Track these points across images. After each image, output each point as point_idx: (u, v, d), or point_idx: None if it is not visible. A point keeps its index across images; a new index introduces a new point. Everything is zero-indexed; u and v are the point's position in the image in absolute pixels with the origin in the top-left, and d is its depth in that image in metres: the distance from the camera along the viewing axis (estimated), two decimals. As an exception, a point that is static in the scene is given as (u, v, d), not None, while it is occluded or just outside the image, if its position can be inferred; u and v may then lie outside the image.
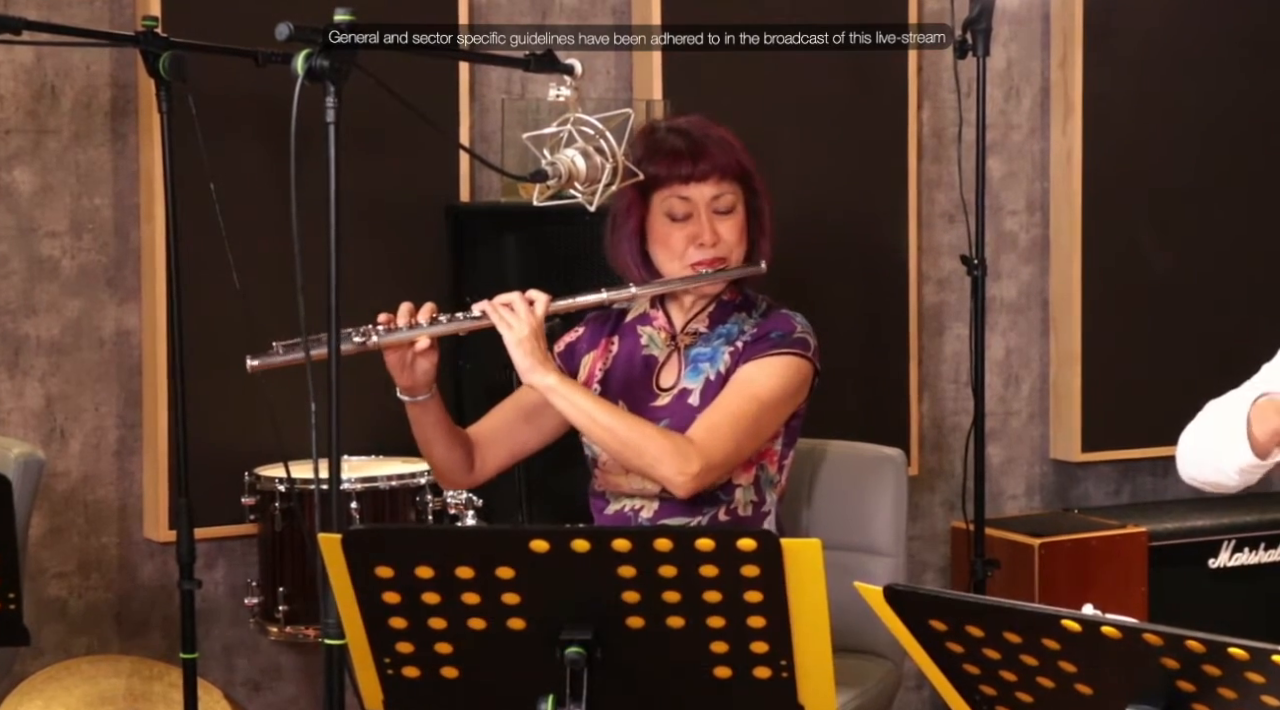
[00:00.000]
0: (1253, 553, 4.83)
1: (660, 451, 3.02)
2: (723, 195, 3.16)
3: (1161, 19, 4.98)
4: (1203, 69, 5.01)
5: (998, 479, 4.95)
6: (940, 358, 4.88)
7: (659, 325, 3.26)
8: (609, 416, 3.04)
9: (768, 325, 3.19)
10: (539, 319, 3.02)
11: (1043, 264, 5.01)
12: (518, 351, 3.00)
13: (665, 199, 3.16)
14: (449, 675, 2.36)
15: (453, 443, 3.20)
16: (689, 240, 3.15)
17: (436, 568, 2.28)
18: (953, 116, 4.50)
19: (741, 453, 3.10)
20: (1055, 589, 4.54)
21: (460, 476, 3.26)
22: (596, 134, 3.01)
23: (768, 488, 3.20)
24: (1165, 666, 2.01)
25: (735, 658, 2.31)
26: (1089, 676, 2.10)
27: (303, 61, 2.70)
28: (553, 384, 3.02)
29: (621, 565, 2.25)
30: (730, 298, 3.24)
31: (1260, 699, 1.97)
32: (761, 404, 3.10)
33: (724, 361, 3.17)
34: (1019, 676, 2.16)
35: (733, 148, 3.19)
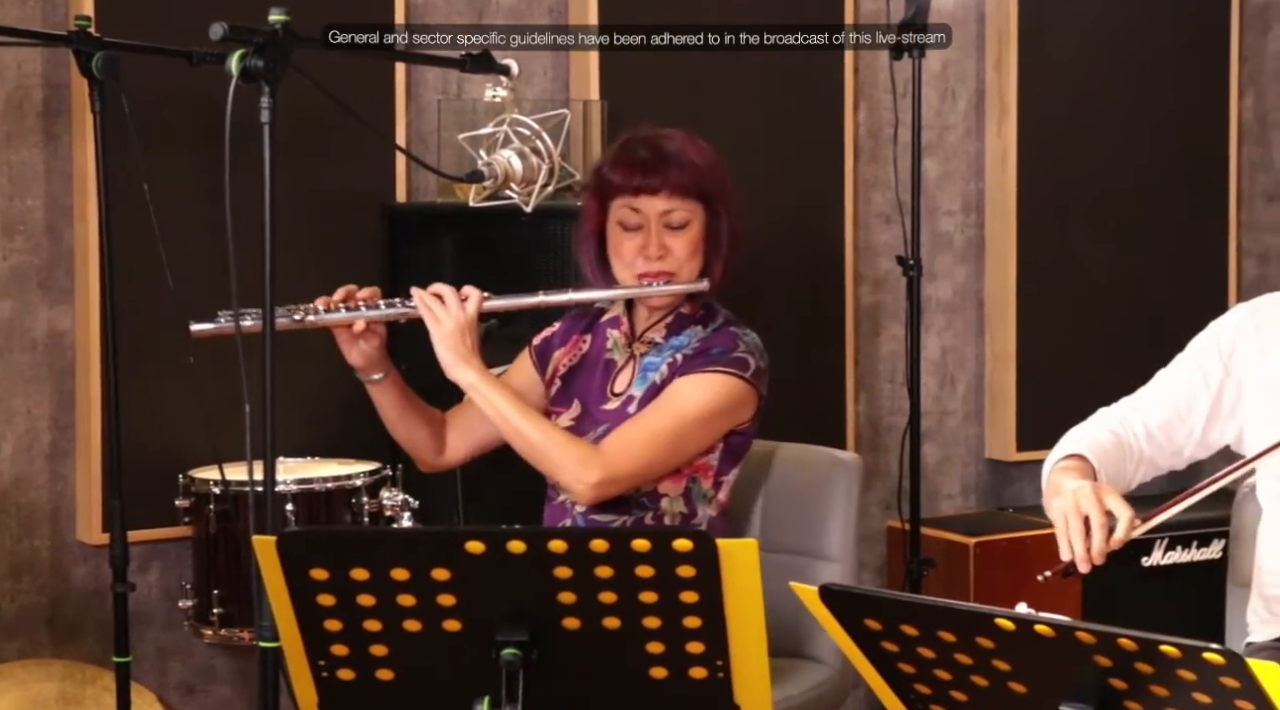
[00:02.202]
0: (1185, 551, 4.86)
1: (563, 459, 3.06)
2: (674, 211, 3.17)
3: (1096, 20, 5.01)
4: (1137, 70, 5.05)
5: (933, 478, 4.96)
6: (877, 358, 4.90)
7: (623, 330, 3.28)
8: (521, 419, 3.08)
9: (711, 341, 3.20)
10: (469, 315, 3.05)
11: (978, 264, 5.03)
12: (441, 346, 3.05)
13: (619, 207, 3.18)
14: (384, 677, 2.36)
15: (415, 424, 3.26)
16: (637, 250, 3.17)
17: (371, 569, 2.28)
18: (889, 117, 4.52)
19: (654, 468, 3.12)
20: (990, 588, 4.56)
21: (428, 457, 3.33)
22: (533, 135, 3.01)
23: (700, 501, 3.20)
24: (1098, 664, 2.03)
25: (671, 658, 2.31)
26: (1023, 675, 2.12)
27: (237, 62, 2.69)
28: (472, 380, 3.07)
29: (557, 566, 2.25)
30: (691, 311, 3.24)
31: (1191, 696, 1.99)
32: (684, 421, 3.11)
33: (662, 372, 3.18)
34: (953, 675, 2.17)
35: (696, 168, 3.19)
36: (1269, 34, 5.32)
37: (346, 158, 4.15)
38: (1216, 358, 2.91)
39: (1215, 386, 2.89)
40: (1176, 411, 2.90)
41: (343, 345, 3.14)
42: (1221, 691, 1.96)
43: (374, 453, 3.87)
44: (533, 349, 3.35)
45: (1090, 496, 2.61)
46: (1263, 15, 5.30)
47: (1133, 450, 2.87)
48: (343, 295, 3.11)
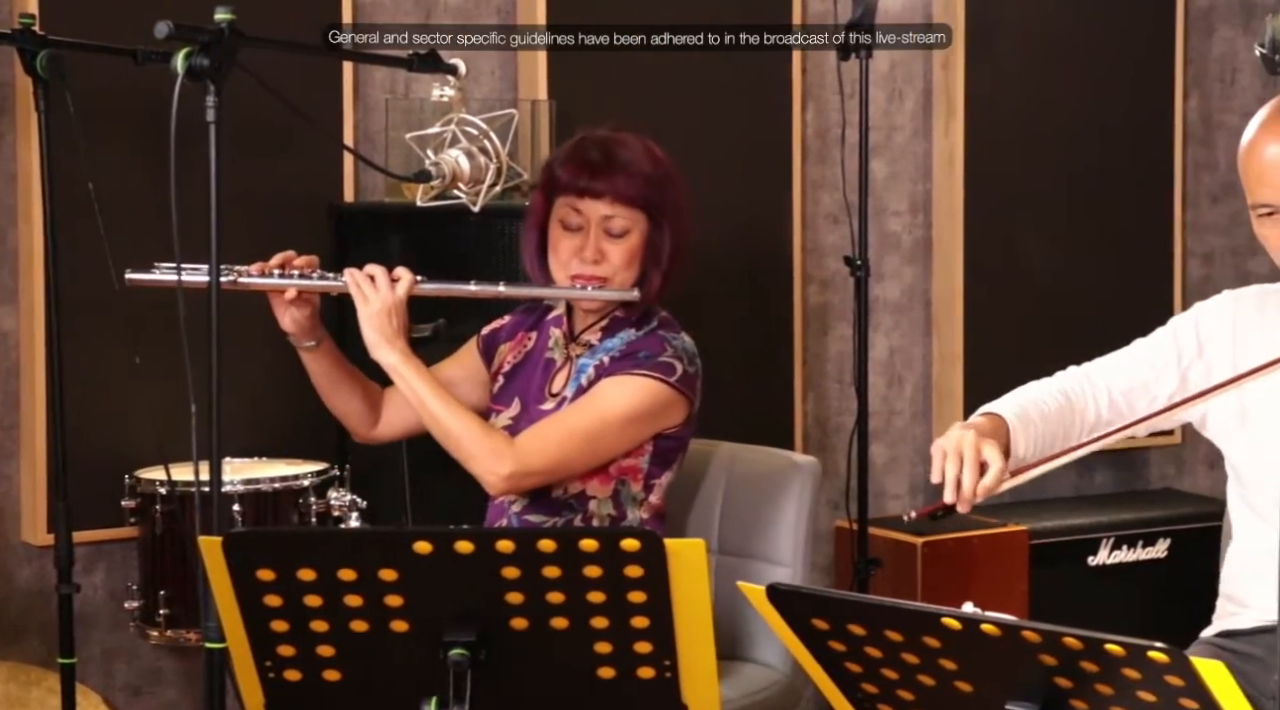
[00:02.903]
0: (1131, 550, 4.89)
1: (477, 449, 3.07)
2: (616, 218, 3.16)
3: (1042, 22, 5.03)
4: (1083, 71, 5.07)
5: (881, 478, 4.98)
6: (824, 358, 4.91)
7: (563, 330, 3.27)
8: (439, 406, 3.08)
9: (639, 344, 3.19)
10: (399, 297, 3.06)
11: (925, 265, 5.05)
12: (367, 325, 3.07)
13: (563, 206, 3.18)
14: (331, 678, 2.35)
15: (350, 395, 3.27)
16: (574, 251, 3.17)
17: (318, 570, 2.27)
18: (836, 118, 4.53)
19: (567, 465, 3.11)
20: (938, 587, 4.57)
21: (361, 429, 3.34)
22: (480, 134, 3.01)
23: (629, 504, 3.19)
24: (1044, 663, 2.04)
25: (619, 658, 2.31)
26: (969, 674, 2.12)
27: (183, 60, 2.68)
28: (394, 363, 3.08)
29: (505, 566, 2.25)
30: (626, 315, 3.24)
31: (1136, 695, 2.00)
32: (603, 422, 3.11)
33: (589, 374, 3.18)
34: (900, 674, 2.18)
35: (644, 177, 3.18)
36: (1213, 36, 5.35)
37: (294, 157, 4.14)
38: (1193, 336, 2.92)
39: (1186, 362, 2.90)
40: (1143, 380, 2.91)
41: (276, 310, 3.14)
42: (1166, 690, 1.97)
43: (322, 453, 3.86)
44: (480, 339, 3.35)
45: (971, 443, 2.63)
46: (1207, 18, 5.33)
47: (1085, 414, 2.87)
48: (279, 261, 3.11)
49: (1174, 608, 4.76)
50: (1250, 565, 2.89)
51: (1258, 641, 2.81)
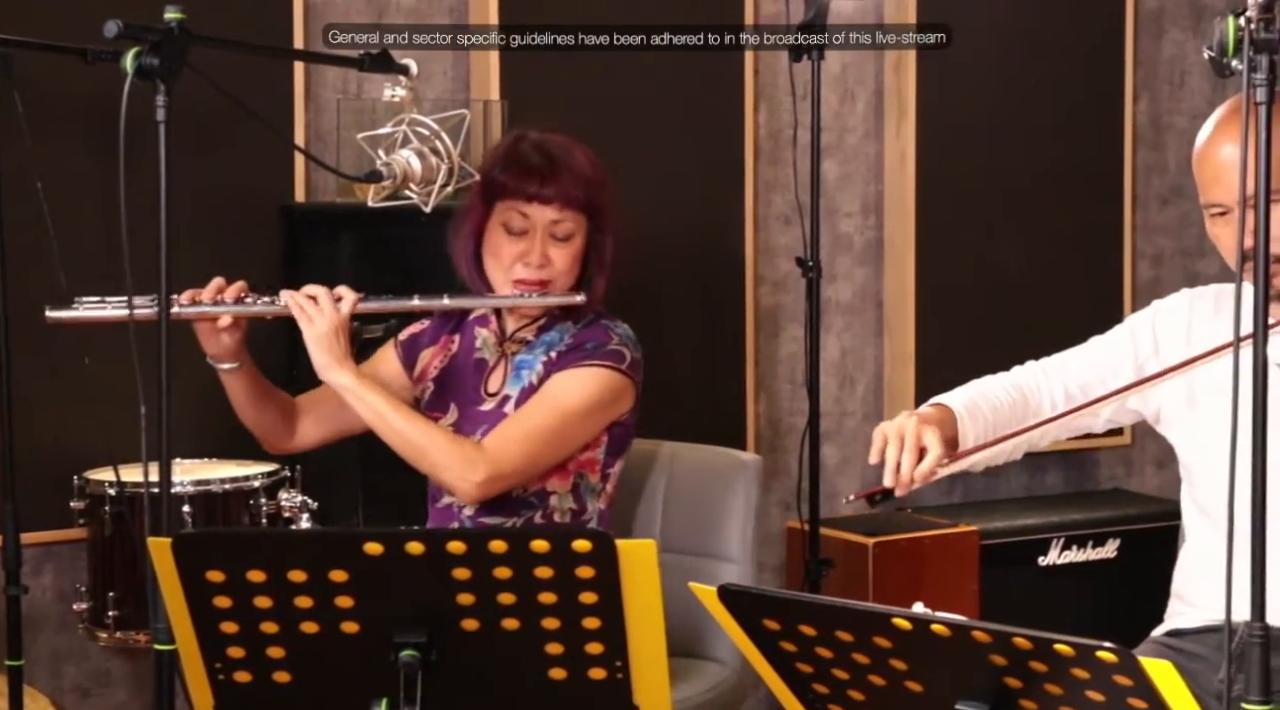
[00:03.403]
0: (1081, 550, 4.91)
1: (446, 458, 3.05)
2: (563, 222, 3.16)
3: (993, 23, 5.05)
4: (1034, 73, 5.09)
5: (833, 479, 4.99)
6: (776, 359, 4.92)
7: (492, 329, 3.27)
8: (401, 420, 3.06)
9: (584, 336, 3.19)
10: (342, 316, 3.03)
11: (877, 266, 5.06)
12: (314, 347, 3.03)
13: (506, 210, 3.17)
14: (281, 680, 2.34)
15: (267, 409, 3.24)
16: (518, 256, 3.16)
17: (268, 571, 2.27)
18: (789, 119, 4.53)
19: (537, 463, 3.11)
20: (889, 588, 4.58)
21: (278, 441, 3.31)
22: (432, 135, 3.01)
23: (589, 496, 3.20)
24: (993, 663, 2.04)
25: (570, 659, 2.31)
26: (919, 674, 2.13)
27: (132, 59, 2.67)
28: (348, 384, 3.05)
29: (456, 567, 2.25)
30: (563, 311, 3.24)
31: (1085, 694, 2.01)
32: (564, 415, 3.11)
33: (538, 371, 3.18)
34: (851, 675, 2.18)
35: (587, 180, 3.18)
36: (1163, 39, 5.38)
37: (245, 157, 4.12)
38: (1150, 332, 2.95)
39: (1143, 359, 2.93)
40: (1099, 374, 2.93)
41: (202, 336, 3.10)
42: (1114, 689, 1.98)
43: (272, 454, 3.85)
44: (399, 344, 3.32)
45: (911, 428, 2.67)
46: (1156, 20, 5.36)
47: (1040, 410, 2.89)
48: (213, 290, 3.07)
49: (1124, 607, 4.79)
50: (1197, 564, 2.91)
51: (1204, 640, 2.82)
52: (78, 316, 3.04)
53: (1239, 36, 2.19)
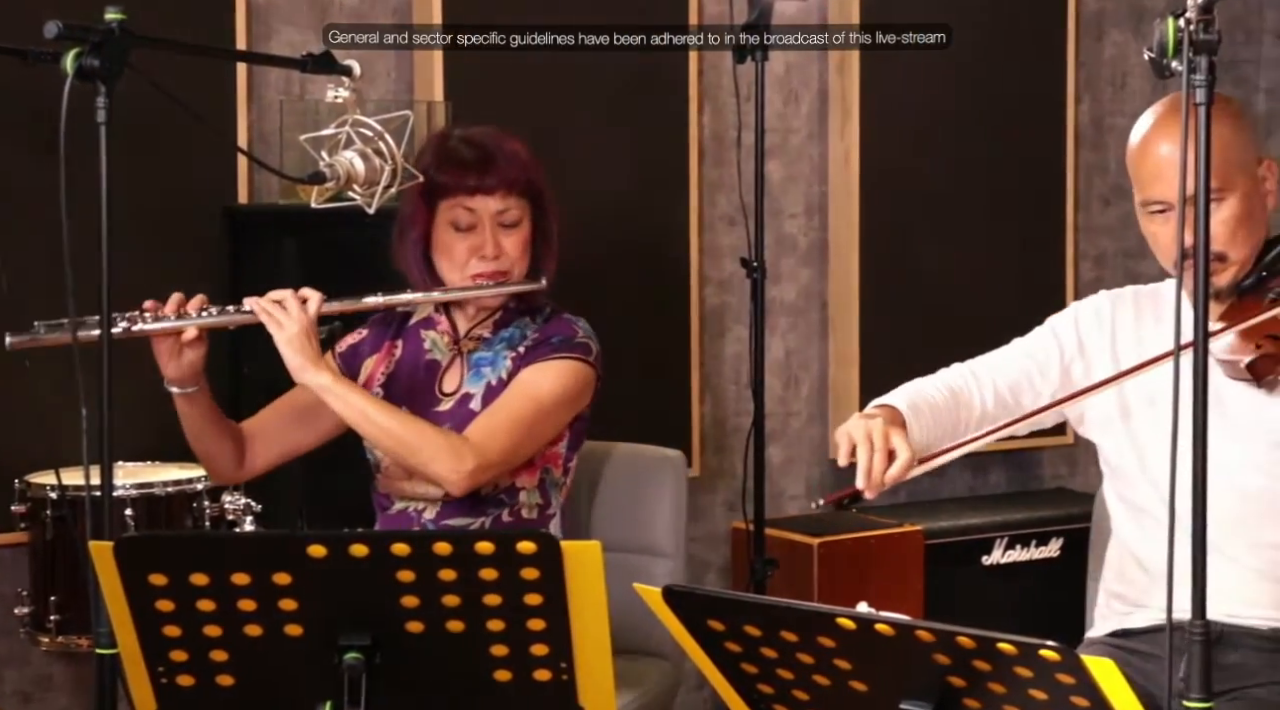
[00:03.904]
0: (1024, 549, 4.93)
1: (435, 449, 3.03)
2: (508, 209, 3.17)
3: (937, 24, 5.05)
4: (977, 73, 5.10)
5: (778, 479, 5.00)
6: (721, 359, 4.92)
7: (442, 329, 3.26)
8: (384, 415, 3.05)
9: (550, 330, 3.20)
10: (310, 317, 3.01)
11: (821, 266, 5.07)
12: (288, 350, 3.00)
13: (450, 208, 3.16)
14: (224, 683, 2.34)
15: (221, 436, 3.19)
16: (471, 251, 3.16)
17: (211, 574, 2.26)
18: (733, 120, 4.54)
19: (519, 453, 3.11)
20: (834, 588, 4.59)
21: (229, 471, 3.26)
22: (375, 136, 2.99)
23: (553, 490, 3.21)
24: (937, 662, 2.05)
25: (515, 661, 2.31)
26: (863, 674, 2.14)
27: (72, 60, 2.65)
28: (326, 383, 3.02)
29: (400, 569, 2.24)
30: (514, 305, 3.24)
31: (1028, 693, 2.02)
32: (541, 406, 3.11)
33: (505, 367, 3.18)
34: (795, 675, 2.19)
35: (523, 163, 3.20)
36: (1104, 40, 5.41)
37: (187, 158, 4.10)
38: (1073, 334, 2.97)
39: (1068, 359, 2.95)
40: (1028, 375, 2.95)
41: (162, 357, 3.03)
42: (1057, 687, 1.99)
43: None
44: (338, 356, 3.29)
45: (880, 431, 2.67)
46: (1098, 22, 5.38)
47: (971, 408, 2.91)
48: (174, 304, 3.02)
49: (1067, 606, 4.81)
50: (1135, 563, 2.93)
51: (1155, 640, 2.84)
52: (39, 341, 2.97)
53: (1179, 38, 2.21)
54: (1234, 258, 2.79)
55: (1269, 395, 2.78)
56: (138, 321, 2.97)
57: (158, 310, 3.00)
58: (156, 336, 3.01)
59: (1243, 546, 2.81)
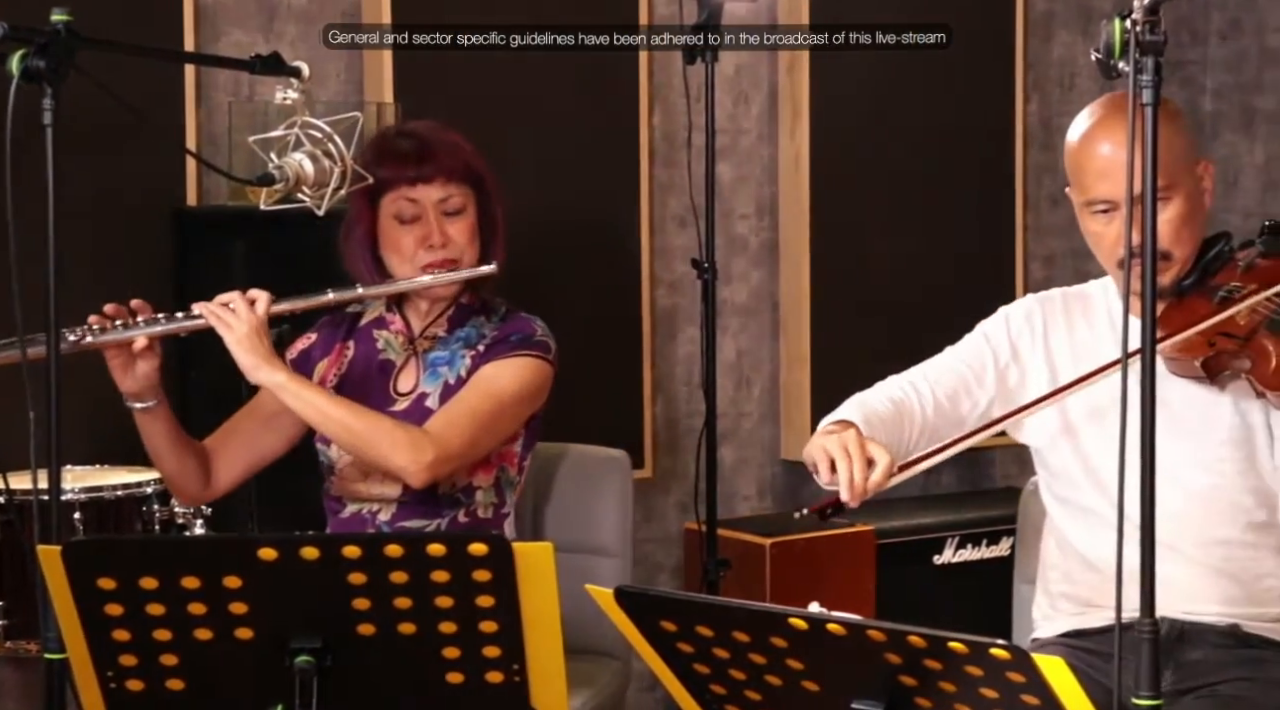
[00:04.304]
0: (975, 548, 4.95)
1: (394, 442, 3.03)
2: (450, 197, 3.16)
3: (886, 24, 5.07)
4: (926, 74, 5.12)
5: (730, 480, 5.00)
6: (673, 360, 4.93)
7: (396, 329, 3.25)
8: (341, 410, 3.04)
9: (508, 328, 3.20)
10: (260, 317, 3.00)
11: (772, 267, 5.08)
12: (239, 350, 2.98)
13: (393, 202, 3.16)
14: (174, 687, 2.33)
15: (185, 454, 3.17)
16: (418, 242, 3.15)
17: (160, 578, 2.25)
18: (683, 121, 4.54)
19: (478, 448, 3.11)
20: (786, 588, 4.60)
21: (196, 489, 3.24)
22: (325, 137, 2.99)
23: (508, 489, 3.22)
24: (888, 662, 2.06)
25: (467, 663, 2.31)
26: (815, 673, 2.14)
27: (18, 62, 2.63)
28: (281, 381, 3.01)
29: (352, 572, 2.24)
30: (468, 301, 3.24)
31: (979, 691, 2.03)
32: (501, 402, 3.11)
33: (464, 365, 3.17)
34: (748, 675, 2.19)
35: (462, 150, 3.20)
36: (1052, 41, 5.43)
37: (135, 160, 4.08)
38: (1005, 339, 2.98)
39: (1003, 364, 2.96)
40: (964, 383, 2.96)
41: (116, 370, 3.02)
42: (1008, 686, 2.00)
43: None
44: (288, 362, 3.28)
45: (855, 441, 2.68)
46: (1046, 23, 5.41)
47: (914, 419, 2.92)
48: (112, 311, 3.00)
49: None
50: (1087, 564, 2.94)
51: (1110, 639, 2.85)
52: None
53: (1125, 39, 2.22)
54: (1178, 256, 2.81)
55: (1214, 393, 2.80)
56: (86, 335, 2.95)
57: (104, 322, 2.98)
58: (107, 350, 2.99)
59: (1193, 544, 2.83)
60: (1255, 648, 2.82)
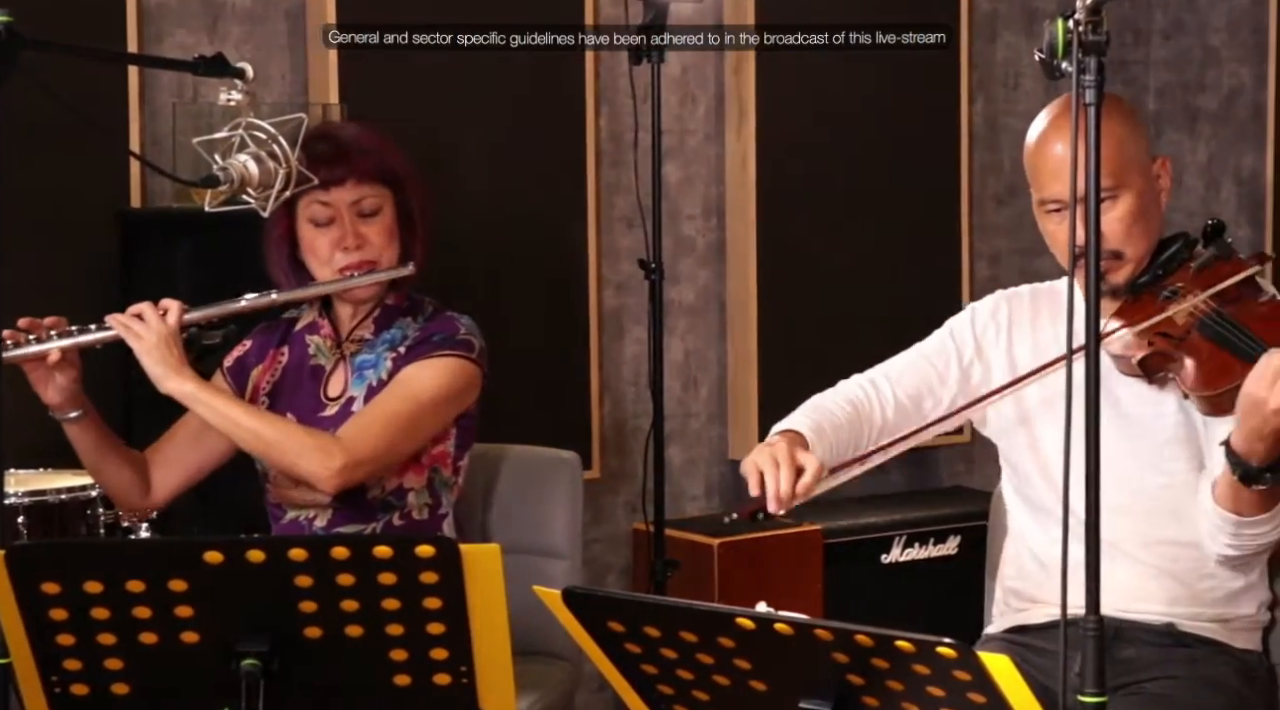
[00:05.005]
0: (923, 548, 4.97)
1: (302, 448, 3.03)
2: (364, 198, 3.15)
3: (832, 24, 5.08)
4: (872, 74, 5.13)
5: (678, 480, 5.00)
6: (621, 360, 4.93)
7: (325, 334, 3.24)
8: (250, 419, 3.04)
9: (431, 328, 3.19)
10: (171, 327, 3.00)
11: (719, 267, 5.08)
12: (148, 360, 2.99)
13: (308, 205, 3.16)
14: (119, 691, 2.32)
15: (120, 464, 3.18)
16: (334, 245, 3.15)
17: (105, 582, 2.24)
18: (630, 121, 4.54)
19: (395, 451, 3.10)
20: (734, 588, 4.61)
21: (135, 499, 3.24)
22: (269, 138, 2.97)
23: (443, 490, 3.20)
24: (836, 661, 2.06)
25: (415, 665, 2.30)
26: (763, 673, 2.14)
27: (-41, 63, 2.61)
28: (190, 391, 3.02)
29: (298, 575, 2.23)
30: (395, 302, 3.23)
31: (926, 690, 2.03)
32: (419, 404, 3.10)
33: (386, 367, 3.16)
34: (695, 675, 2.19)
35: (377, 151, 3.19)
36: (997, 41, 5.45)
37: (79, 162, 4.06)
38: (970, 336, 2.99)
39: (966, 361, 2.97)
40: (927, 382, 2.97)
41: (36, 383, 3.03)
42: (954, 684, 2.00)
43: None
44: (225, 370, 3.28)
45: (784, 451, 2.71)
46: (990, 24, 5.43)
47: (873, 421, 2.93)
48: (27, 324, 3.00)
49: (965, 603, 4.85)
50: (1033, 560, 2.95)
51: (1051, 636, 2.87)
52: None
53: (1068, 39, 2.23)
54: (1130, 255, 2.82)
55: (1165, 394, 2.81)
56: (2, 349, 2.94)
57: (17, 336, 2.98)
58: (25, 364, 2.99)
59: (1138, 543, 2.85)
60: (1190, 646, 2.84)
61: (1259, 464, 2.58)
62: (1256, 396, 2.53)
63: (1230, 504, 2.68)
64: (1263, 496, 2.64)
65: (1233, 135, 5.55)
